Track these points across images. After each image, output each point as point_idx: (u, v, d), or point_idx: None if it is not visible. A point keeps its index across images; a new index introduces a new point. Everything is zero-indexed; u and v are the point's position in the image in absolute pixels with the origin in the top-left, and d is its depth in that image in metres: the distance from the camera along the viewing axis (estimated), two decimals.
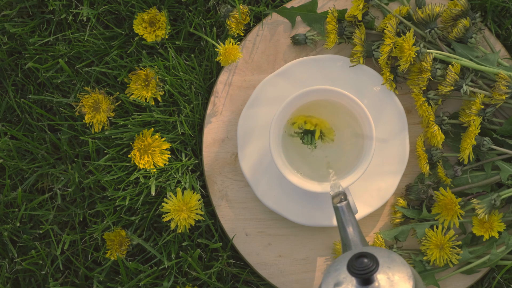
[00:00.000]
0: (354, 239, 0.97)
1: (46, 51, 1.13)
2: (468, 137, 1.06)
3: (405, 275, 0.88)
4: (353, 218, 0.99)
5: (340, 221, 0.99)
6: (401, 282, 0.87)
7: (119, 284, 1.10)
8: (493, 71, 1.06)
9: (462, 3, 1.08)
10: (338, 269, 0.89)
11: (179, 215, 1.07)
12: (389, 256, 0.89)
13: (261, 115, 1.10)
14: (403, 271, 0.88)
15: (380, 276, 0.87)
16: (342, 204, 0.99)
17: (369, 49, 1.09)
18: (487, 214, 1.06)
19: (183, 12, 1.14)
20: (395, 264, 0.88)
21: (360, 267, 0.84)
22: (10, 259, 1.12)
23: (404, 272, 0.88)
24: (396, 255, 0.89)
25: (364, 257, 0.84)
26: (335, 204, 0.99)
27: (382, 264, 0.88)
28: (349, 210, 0.99)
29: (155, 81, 1.11)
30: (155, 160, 1.10)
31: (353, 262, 0.84)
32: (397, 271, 0.88)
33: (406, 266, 0.88)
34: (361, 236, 0.98)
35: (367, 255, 0.84)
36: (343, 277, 0.88)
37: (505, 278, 1.10)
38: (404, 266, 0.88)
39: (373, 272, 0.84)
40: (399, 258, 0.89)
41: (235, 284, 1.12)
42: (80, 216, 1.12)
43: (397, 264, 0.88)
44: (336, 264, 0.90)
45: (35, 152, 1.13)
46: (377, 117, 1.08)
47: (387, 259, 0.89)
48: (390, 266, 0.88)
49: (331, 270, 0.89)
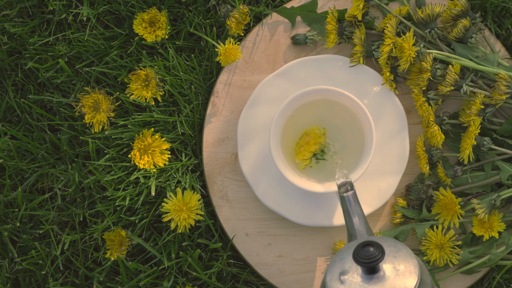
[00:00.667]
0: (360, 229, 0.97)
1: (46, 51, 1.13)
2: (468, 137, 1.06)
3: (411, 264, 0.87)
4: (359, 208, 0.98)
5: (346, 211, 0.98)
6: (406, 272, 0.87)
7: (119, 284, 1.10)
8: (493, 71, 1.06)
9: (462, 3, 1.08)
10: (343, 258, 0.89)
11: (179, 215, 1.07)
12: (395, 245, 0.89)
13: (261, 115, 1.10)
14: (409, 260, 0.88)
15: (386, 265, 0.87)
16: (348, 193, 0.99)
17: (369, 49, 1.09)
18: (487, 214, 1.06)
19: (183, 12, 1.14)
20: (401, 253, 0.88)
21: (366, 255, 0.84)
22: (10, 259, 1.12)
23: (410, 262, 0.87)
24: (402, 245, 0.89)
25: (370, 246, 0.84)
26: (341, 194, 0.99)
27: (388, 253, 0.88)
28: (355, 200, 0.98)
29: (155, 81, 1.11)
30: (155, 160, 1.10)
31: (359, 250, 0.84)
32: (403, 260, 0.88)
33: (412, 255, 0.88)
34: (367, 226, 0.97)
35: (373, 244, 0.84)
36: (348, 266, 0.88)
37: (505, 278, 1.10)
38: (410, 256, 0.88)
39: (379, 261, 0.84)
40: (405, 247, 0.89)
41: (235, 284, 1.12)
42: (80, 216, 1.12)
43: (403, 253, 0.88)
44: (341, 253, 0.89)
45: (35, 152, 1.13)
46: (377, 117, 1.08)
47: (393, 249, 0.88)
48: (396, 255, 0.88)
49: (337, 259, 0.89)
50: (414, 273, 0.86)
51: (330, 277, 0.88)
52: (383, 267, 0.86)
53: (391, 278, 0.86)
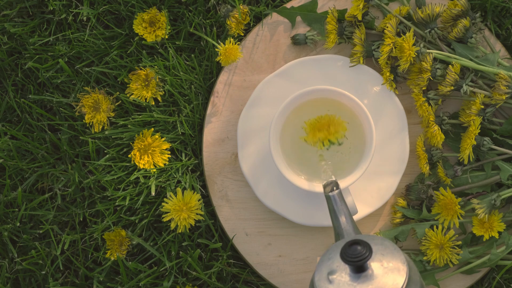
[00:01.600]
0: (346, 228, 0.96)
1: (46, 51, 1.13)
2: (468, 137, 1.06)
3: (399, 261, 0.87)
4: (345, 207, 0.98)
5: (332, 210, 0.98)
6: (395, 269, 0.87)
7: (119, 284, 1.10)
8: (493, 71, 1.06)
9: (462, 3, 1.08)
10: (331, 257, 0.89)
11: (179, 215, 1.07)
12: (382, 243, 0.89)
13: (261, 115, 1.10)
14: (397, 258, 0.88)
15: (374, 263, 0.87)
16: (333, 193, 0.98)
17: (369, 49, 1.09)
18: (487, 214, 1.06)
19: (183, 12, 1.14)
20: (388, 251, 0.88)
21: (353, 254, 0.84)
22: (10, 259, 1.12)
23: (398, 259, 0.87)
24: (389, 242, 0.89)
25: (357, 245, 0.84)
26: (327, 193, 0.99)
27: (376, 251, 0.87)
28: (341, 199, 0.98)
29: (155, 81, 1.11)
30: (155, 160, 1.10)
31: (346, 249, 0.84)
32: (390, 258, 0.87)
33: (400, 253, 0.88)
34: (354, 225, 0.97)
35: (360, 243, 0.84)
36: (336, 265, 0.88)
37: (505, 278, 1.10)
38: (397, 253, 0.88)
39: (367, 259, 0.84)
40: (393, 245, 0.89)
41: (235, 284, 1.12)
42: (80, 216, 1.12)
43: (391, 251, 0.88)
44: (329, 252, 0.89)
45: (35, 152, 1.13)
46: (377, 117, 1.08)
47: (380, 246, 0.88)
48: (383, 253, 0.88)
49: (324, 259, 0.89)
50: (403, 271, 0.86)
51: (319, 277, 0.88)
52: (371, 266, 0.86)
53: (379, 276, 0.86)
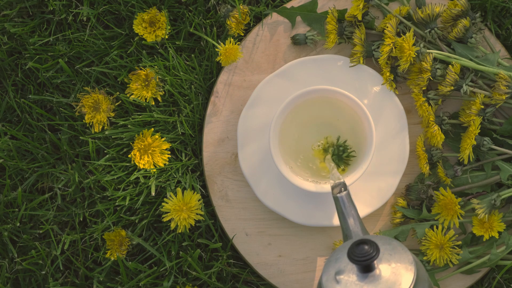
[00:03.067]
0: (355, 229, 0.96)
1: (46, 51, 1.13)
2: (468, 137, 1.06)
3: (407, 261, 0.87)
4: (353, 208, 0.97)
5: (341, 212, 0.97)
6: (402, 269, 0.86)
7: (119, 284, 1.10)
8: (493, 71, 1.06)
9: (462, 3, 1.08)
10: (339, 257, 0.88)
11: (179, 215, 1.07)
12: (390, 243, 0.88)
13: (261, 115, 1.10)
14: (405, 258, 0.87)
15: (381, 263, 0.86)
16: (341, 194, 0.98)
17: (369, 49, 1.09)
18: (487, 214, 1.06)
19: (183, 12, 1.14)
20: (396, 251, 0.87)
21: (360, 253, 0.83)
22: (10, 259, 1.12)
23: (406, 259, 0.87)
24: (397, 242, 0.88)
25: (364, 244, 0.84)
26: (335, 195, 0.98)
27: (383, 251, 0.87)
28: (349, 200, 0.97)
29: (155, 81, 1.11)
30: (155, 160, 1.10)
31: (353, 249, 0.84)
32: (398, 258, 0.87)
33: (408, 253, 0.87)
34: (362, 226, 0.96)
35: (368, 242, 0.84)
36: (344, 265, 0.87)
37: (505, 278, 1.10)
38: (405, 253, 0.87)
39: (374, 258, 0.83)
40: (400, 245, 0.88)
41: (235, 284, 1.12)
42: (80, 216, 1.12)
43: (398, 251, 0.87)
44: (336, 253, 0.89)
45: (35, 152, 1.13)
46: (377, 117, 1.08)
47: (388, 246, 0.88)
48: (391, 253, 0.87)
49: (332, 259, 0.89)
50: (410, 270, 0.86)
51: (326, 277, 0.88)
52: (379, 266, 0.86)
53: (387, 276, 0.86)
